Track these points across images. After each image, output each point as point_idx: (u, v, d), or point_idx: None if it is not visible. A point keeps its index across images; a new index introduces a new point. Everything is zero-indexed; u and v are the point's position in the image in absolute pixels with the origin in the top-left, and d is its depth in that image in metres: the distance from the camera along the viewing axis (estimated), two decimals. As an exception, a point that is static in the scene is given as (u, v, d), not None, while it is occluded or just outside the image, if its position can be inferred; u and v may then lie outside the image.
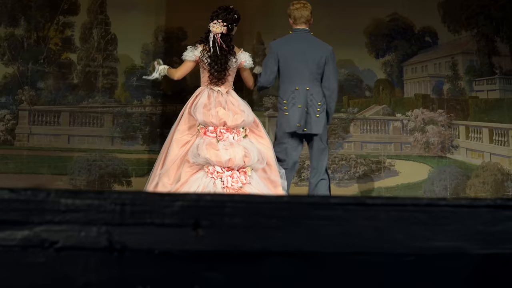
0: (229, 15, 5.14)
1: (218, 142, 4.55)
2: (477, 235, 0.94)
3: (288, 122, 4.87)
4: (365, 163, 7.55)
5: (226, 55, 4.96)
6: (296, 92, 4.89)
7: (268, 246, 0.88)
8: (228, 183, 4.43)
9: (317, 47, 5.08)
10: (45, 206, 0.91)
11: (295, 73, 4.95)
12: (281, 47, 5.13)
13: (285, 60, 5.01)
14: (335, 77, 5.15)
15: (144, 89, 7.44)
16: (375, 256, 0.91)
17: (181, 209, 0.88)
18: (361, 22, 7.80)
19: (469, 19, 7.97)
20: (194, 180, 4.43)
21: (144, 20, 7.54)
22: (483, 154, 7.74)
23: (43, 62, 7.37)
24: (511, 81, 7.95)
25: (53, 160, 7.20)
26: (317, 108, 4.87)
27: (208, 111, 4.70)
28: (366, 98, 7.74)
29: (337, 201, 0.93)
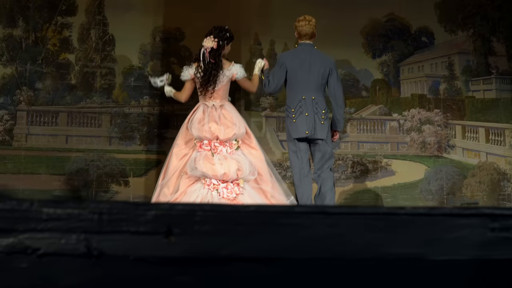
0: (221, 33, 5.41)
1: (213, 156, 4.93)
2: (434, 242, 0.99)
3: (296, 129, 5.20)
4: (362, 163, 7.60)
5: (214, 68, 5.22)
6: (303, 101, 5.21)
7: (236, 252, 0.92)
8: (224, 194, 4.82)
9: (321, 60, 5.39)
10: (29, 215, 0.95)
11: (302, 84, 5.26)
12: (289, 59, 5.41)
13: (292, 71, 5.31)
14: (340, 86, 5.45)
15: (142, 90, 7.48)
16: (337, 262, 0.95)
17: (155, 217, 0.93)
18: (358, 23, 7.84)
19: (465, 19, 8.01)
20: (192, 191, 4.82)
21: (142, 20, 7.58)
22: (479, 153, 7.78)
23: (41, 63, 7.42)
24: (507, 81, 7.98)
25: (51, 160, 7.24)
26: (321, 115, 5.20)
27: (202, 126, 5.02)
28: (363, 98, 7.78)
29: (301, 210, 0.98)
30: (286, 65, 5.34)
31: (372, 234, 0.97)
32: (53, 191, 7.16)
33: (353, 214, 0.98)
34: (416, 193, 7.61)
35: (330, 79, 5.37)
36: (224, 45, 5.43)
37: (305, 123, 5.14)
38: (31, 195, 7.12)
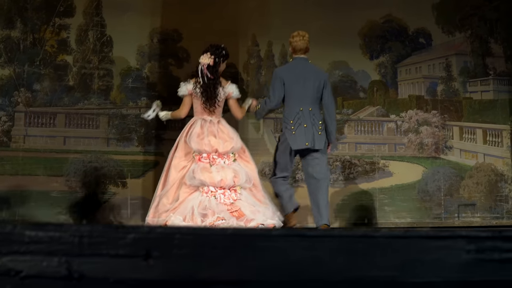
0: (218, 51, 5.58)
1: (211, 167, 5.18)
2: (411, 264, 0.99)
3: (295, 140, 5.34)
4: (359, 164, 7.60)
5: (213, 84, 5.45)
6: (300, 113, 5.38)
7: (213, 275, 0.93)
8: (221, 200, 5.04)
9: (316, 73, 5.57)
10: (12, 238, 0.96)
11: (299, 96, 5.42)
12: (285, 73, 5.57)
13: (289, 85, 5.46)
14: (332, 99, 5.66)
15: (140, 91, 7.49)
16: (313, 284, 0.96)
17: (134, 241, 0.94)
18: (355, 24, 7.85)
19: (463, 20, 8.01)
20: (191, 199, 5.05)
21: (139, 22, 7.58)
22: (476, 155, 7.79)
23: (39, 64, 7.42)
24: (505, 82, 7.99)
25: (49, 161, 7.25)
26: (319, 126, 5.39)
27: (201, 140, 5.27)
28: (360, 99, 7.79)
29: (278, 233, 0.99)
30: (283, 79, 5.48)
31: (349, 257, 0.98)
32: (51, 193, 7.17)
33: (329, 236, 0.98)
34: (414, 194, 7.62)
35: (324, 92, 5.53)
36: (220, 62, 5.59)
37: (304, 135, 5.30)
38: (29, 196, 7.14)
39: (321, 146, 5.37)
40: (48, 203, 7.13)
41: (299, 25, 7.65)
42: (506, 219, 7.71)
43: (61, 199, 7.16)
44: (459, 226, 7.61)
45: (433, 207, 7.61)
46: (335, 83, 7.75)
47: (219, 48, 5.60)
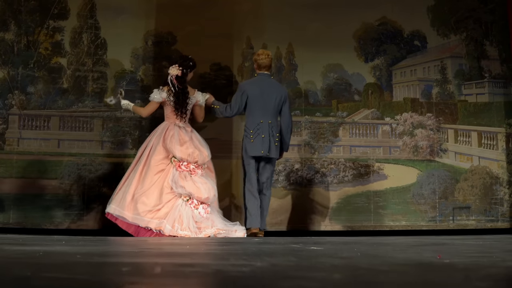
0: (185, 62, 6.12)
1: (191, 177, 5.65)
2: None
3: (253, 148, 5.93)
4: (354, 167, 7.59)
5: (183, 92, 5.97)
6: (260, 125, 5.97)
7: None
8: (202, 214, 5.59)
9: (277, 89, 6.11)
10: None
11: (260, 109, 5.99)
12: (249, 87, 6.09)
13: (252, 98, 6.01)
14: (290, 113, 6.18)
15: (134, 94, 7.47)
16: None
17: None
18: (350, 26, 7.84)
19: (458, 23, 8.00)
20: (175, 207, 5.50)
21: (134, 24, 7.58)
22: (471, 157, 7.78)
23: (33, 67, 7.41)
24: (500, 84, 7.97)
25: (43, 164, 7.24)
26: (276, 138, 5.99)
27: (186, 149, 5.71)
28: (355, 102, 7.78)
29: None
30: (247, 93, 6.02)
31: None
32: (45, 196, 7.16)
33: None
34: (408, 197, 7.60)
35: (284, 107, 6.09)
36: (188, 72, 6.12)
37: (261, 144, 5.89)
38: (23, 199, 7.12)
39: (276, 156, 5.99)
40: (42, 206, 7.12)
41: (293, 28, 7.71)
42: (501, 222, 7.71)
43: (55, 202, 7.15)
44: (454, 229, 7.60)
45: (428, 210, 7.60)
46: (330, 86, 7.75)
47: (187, 60, 6.14)
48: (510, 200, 7.75)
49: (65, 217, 7.13)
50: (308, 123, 7.61)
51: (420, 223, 7.58)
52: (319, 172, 7.53)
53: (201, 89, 7.44)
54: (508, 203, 7.74)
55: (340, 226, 7.47)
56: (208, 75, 7.58)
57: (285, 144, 6.11)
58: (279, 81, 7.71)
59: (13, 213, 7.10)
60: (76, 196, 7.19)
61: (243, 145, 6.04)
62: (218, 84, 7.57)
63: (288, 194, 7.48)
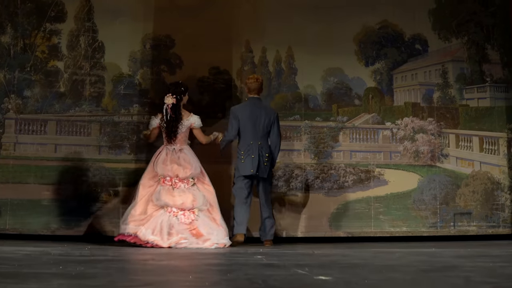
0: (177, 89, 6.44)
1: (174, 189, 6.15)
2: None
3: (244, 167, 6.39)
4: (354, 172, 7.52)
5: (174, 121, 6.35)
6: (251, 146, 6.41)
7: None
8: (182, 220, 6.01)
9: (266, 112, 6.53)
10: None
11: (250, 131, 6.43)
12: (240, 111, 6.51)
13: (243, 121, 6.45)
14: (279, 134, 6.60)
15: (132, 98, 7.39)
16: None
17: None
18: (351, 30, 7.75)
19: (459, 26, 7.92)
20: (158, 215, 6.01)
21: (131, 27, 7.48)
22: (473, 163, 7.71)
23: (30, 70, 7.32)
24: (501, 89, 7.90)
25: (40, 169, 7.15)
26: (265, 158, 6.41)
27: (166, 166, 6.21)
28: (356, 106, 7.70)
29: None
30: (238, 117, 6.45)
31: None
32: (42, 201, 7.08)
33: None
34: (409, 203, 7.53)
35: (273, 128, 6.52)
36: (182, 97, 6.46)
37: (251, 164, 6.34)
38: (19, 205, 7.04)
39: (264, 175, 6.41)
40: (39, 212, 7.04)
41: (293, 31, 7.63)
42: (502, 227, 7.64)
43: (52, 208, 7.06)
44: (455, 235, 7.54)
45: (428, 216, 7.53)
46: (330, 90, 7.66)
47: (178, 86, 6.48)
48: (511, 205, 7.68)
49: (63, 223, 7.05)
50: (308, 128, 7.54)
51: (421, 229, 7.51)
52: (319, 178, 7.46)
53: (199, 93, 7.42)
54: (510, 209, 7.68)
55: (340, 232, 7.39)
56: (207, 79, 7.50)
57: (274, 161, 6.57)
58: (278, 85, 7.65)
59: (9, 219, 7.02)
60: (73, 201, 7.11)
61: (236, 166, 6.55)
62: (217, 88, 7.50)
63: (288, 199, 7.40)
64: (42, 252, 4.18)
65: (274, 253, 4.93)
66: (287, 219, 7.35)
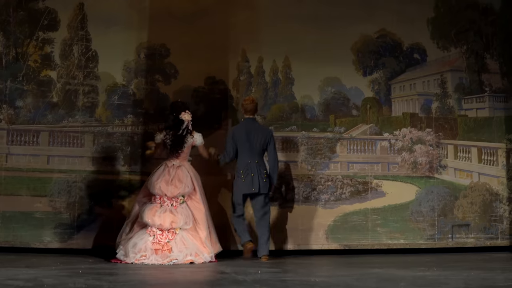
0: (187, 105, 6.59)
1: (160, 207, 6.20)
2: None
3: (244, 186, 6.52)
4: (351, 184, 7.42)
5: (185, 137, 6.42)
6: (249, 165, 6.56)
7: None
8: (157, 239, 6.06)
9: (262, 132, 6.67)
10: None
11: (248, 151, 6.58)
12: (236, 132, 6.65)
13: (240, 141, 6.60)
14: (275, 152, 6.70)
15: (126, 108, 7.27)
16: None
17: None
18: (348, 38, 7.64)
19: (458, 35, 7.83)
20: (140, 234, 6.11)
21: (125, 36, 7.35)
22: (471, 174, 7.63)
23: (22, 80, 7.19)
24: (500, 99, 7.82)
25: (32, 181, 7.04)
26: (264, 175, 6.56)
27: (156, 184, 6.24)
28: (353, 117, 7.59)
29: None
30: (235, 137, 6.61)
31: None
32: (34, 213, 6.96)
33: None
34: (407, 214, 7.45)
35: (269, 147, 6.66)
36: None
37: (251, 182, 6.50)
38: (11, 217, 6.92)
39: (265, 191, 6.55)
40: (32, 224, 6.92)
41: (290, 41, 7.51)
42: (500, 239, 7.57)
43: (44, 220, 6.95)
44: (453, 247, 7.46)
45: (426, 227, 7.45)
46: (327, 100, 7.56)
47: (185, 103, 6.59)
48: (510, 217, 7.62)
49: (55, 236, 6.94)
50: (305, 138, 7.43)
51: (419, 241, 7.42)
52: (316, 190, 7.36)
53: (195, 103, 7.30)
54: (508, 220, 7.60)
55: (337, 245, 7.30)
56: (202, 89, 7.39)
57: (272, 178, 6.65)
58: (275, 96, 7.54)
59: (1, 231, 6.90)
60: (66, 214, 7.00)
61: (234, 184, 6.64)
62: (213, 98, 7.39)
63: (284, 212, 7.31)
64: (35, 283, 4.07)
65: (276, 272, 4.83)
66: (284, 231, 7.25)
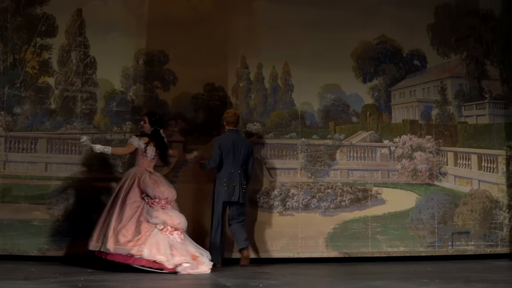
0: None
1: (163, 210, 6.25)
2: None
3: (226, 194, 6.73)
4: (351, 191, 7.39)
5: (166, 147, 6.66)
6: (232, 174, 6.75)
7: None
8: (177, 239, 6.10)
9: (244, 143, 6.89)
10: None
11: (232, 161, 6.76)
12: (222, 141, 6.80)
13: (225, 151, 6.76)
14: (253, 164, 6.96)
15: (124, 115, 7.23)
16: None
17: None
18: (348, 45, 7.61)
19: (458, 41, 7.80)
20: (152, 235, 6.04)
21: (124, 42, 7.30)
22: (471, 181, 7.61)
23: (20, 86, 7.14)
24: (500, 105, 7.80)
25: (30, 188, 6.98)
26: (244, 185, 6.78)
27: (157, 188, 6.32)
28: (353, 124, 7.56)
29: None
30: (222, 147, 6.75)
31: None
32: (32, 221, 6.91)
33: None
34: (407, 222, 7.43)
35: (250, 159, 6.89)
36: None
37: (233, 191, 6.71)
38: (9, 225, 6.87)
39: (243, 201, 6.80)
40: (30, 232, 6.87)
41: (290, 47, 7.48)
42: (500, 247, 7.56)
43: (42, 228, 6.90)
44: (453, 254, 7.44)
45: (426, 235, 7.42)
46: (327, 107, 7.53)
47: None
48: (510, 224, 7.60)
49: (53, 244, 6.89)
50: (305, 146, 7.40)
51: (419, 248, 7.40)
52: (315, 197, 7.33)
53: (194, 110, 7.27)
54: (508, 228, 7.59)
55: (336, 253, 7.27)
56: (201, 96, 7.35)
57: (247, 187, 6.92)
58: (274, 102, 7.50)
59: (-1, 239, 6.85)
60: (64, 221, 6.95)
61: (216, 191, 6.79)
62: (212, 105, 7.34)
63: (284, 219, 7.27)
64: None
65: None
66: (283, 239, 7.22)
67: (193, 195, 7.14)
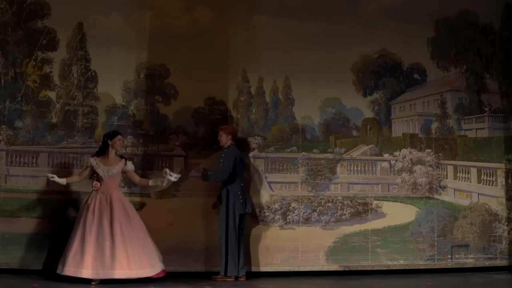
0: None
1: None
2: None
3: (242, 207, 6.78)
4: (351, 205, 7.42)
5: None
6: (242, 187, 6.86)
7: None
8: None
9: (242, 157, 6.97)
10: None
11: (241, 174, 6.90)
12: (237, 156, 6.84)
13: (237, 164, 6.82)
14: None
15: (126, 129, 7.22)
16: None
17: None
18: (348, 59, 7.63)
19: (458, 54, 7.83)
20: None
21: (125, 56, 7.30)
22: (471, 194, 7.65)
23: (21, 100, 7.14)
24: (500, 119, 7.83)
25: (32, 202, 6.99)
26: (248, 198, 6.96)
27: None
28: (353, 137, 7.59)
29: None
30: (236, 160, 6.80)
31: None
32: (34, 235, 6.92)
33: None
34: (407, 235, 7.46)
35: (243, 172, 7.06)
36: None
37: (246, 203, 6.83)
38: (11, 239, 6.88)
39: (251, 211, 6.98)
40: (31, 246, 6.88)
41: (290, 61, 7.49)
42: (499, 259, 7.60)
43: (44, 242, 6.91)
44: (452, 267, 7.48)
45: (426, 248, 7.46)
46: (328, 121, 7.55)
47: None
48: (509, 237, 7.64)
49: (55, 258, 6.89)
50: (305, 159, 7.42)
51: (418, 262, 7.44)
52: (316, 211, 7.36)
53: (195, 124, 7.29)
54: (507, 240, 7.63)
55: (337, 266, 7.30)
56: (202, 110, 7.37)
57: None
58: (275, 116, 7.53)
59: (1, 253, 6.86)
60: (66, 236, 6.94)
61: (232, 204, 6.75)
62: (213, 119, 7.36)
63: (284, 233, 7.30)
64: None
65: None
66: (284, 253, 7.25)
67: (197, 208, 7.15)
